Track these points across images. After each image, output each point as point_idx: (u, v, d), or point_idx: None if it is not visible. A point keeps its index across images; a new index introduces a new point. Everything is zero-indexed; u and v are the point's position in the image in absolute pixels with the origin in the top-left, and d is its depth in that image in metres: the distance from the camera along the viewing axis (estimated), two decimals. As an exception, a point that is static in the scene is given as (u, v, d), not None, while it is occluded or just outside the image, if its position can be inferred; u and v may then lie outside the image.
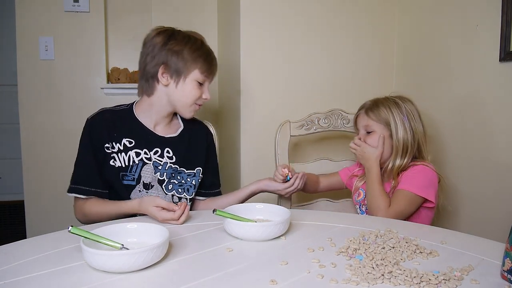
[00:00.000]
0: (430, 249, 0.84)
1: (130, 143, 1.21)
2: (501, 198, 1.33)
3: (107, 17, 2.07)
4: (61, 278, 0.71)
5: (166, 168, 1.24)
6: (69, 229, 0.77)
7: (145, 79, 1.22)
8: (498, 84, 1.33)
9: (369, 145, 1.30)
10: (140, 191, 1.20)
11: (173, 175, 1.24)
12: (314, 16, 1.71)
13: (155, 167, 1.22)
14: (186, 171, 1.27)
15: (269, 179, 1.28)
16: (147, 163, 1.21)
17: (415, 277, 0.70)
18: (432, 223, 1.29)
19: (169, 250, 0.82)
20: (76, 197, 1.17)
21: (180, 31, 1.24)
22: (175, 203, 1.02)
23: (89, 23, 2.00)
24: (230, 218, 0.92)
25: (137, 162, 1.20)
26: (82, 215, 1.17)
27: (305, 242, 0.90)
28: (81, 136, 1.21)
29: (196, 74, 1.20)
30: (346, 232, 0.96)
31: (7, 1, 2.93)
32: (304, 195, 1.53)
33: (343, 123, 1.54)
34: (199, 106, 1.26)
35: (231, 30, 1.79)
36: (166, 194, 1.23)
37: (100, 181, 1.17)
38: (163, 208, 1.00)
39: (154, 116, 1.25)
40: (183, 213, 1.00)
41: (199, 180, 1.29)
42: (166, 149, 1.25)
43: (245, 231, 0.89)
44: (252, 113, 1.68)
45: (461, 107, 1.48)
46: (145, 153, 1.21)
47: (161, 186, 1.23)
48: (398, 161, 1.27)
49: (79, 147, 1.21)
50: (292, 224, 0.99)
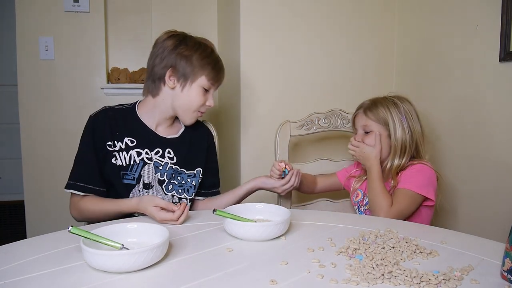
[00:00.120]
0: (430, 249, 0.84)
1: (132, 142, 1.21)
2: (501, 198, 1.33)
3: (107, 17, 2.07)
4: (61, 278, 0.71)
5: (167, 169, 1.24)
6: (69, 229, 0.77)
7: (152, 79, 1.23)
8: (498, 84, 1.33)
9: (367, 145, 1.30)
10: (139, 190, 1.20)
11: (173, 175, 1.25)
12: (314, 16, 1.71)
13: (156, 167, 1.22)
14: (186, 171, 1.27)
15: (265, 176, 1.28)
16: (148, 163, 1.22)
17: (415, 277, 0.70)
18: (431, 222, 1.30)
19: (169, 250, 0.82)
20: (72, 193, 1.17)
21: (192, 36, 1.24)
22: (175, 203, 1.02)
23: (89, 23, 2.00)
24: (230, 218, 0.92)
25: (138, 162, 1.20)
26: (77, 211, 1.17)
27: (305, 242, 0.90)
28: (82, 133, 1.21)
29: (202, 81, 1.21)
30: (346, 232, 0.96)
31: (7, 1, 2.93)
32: (304, 195, 1.53)
33: (343, 123, 1.55)
34: (202, 113, 1.27)
35: (231, 30, 1.79)
36: (166, 194, 1.23)
37: (99, 179, 1.17)
38: (162, 208, 1.00)
39: (157, 116, 1.25)
40: (182, 213, 1.00)
41: (199, 180, 1.29)
42: (168, 150, 1.25)
43: (245, 231, 0.89)
44: (252, 113, 1.68)
45: (461, 107, 1.48)
46: (146, 153, 1.22)
47: (161, 186, 1.23)
48: (397, 161, 1.28)
49: (80, 144, 1.21)
50: (292, 224, 0.99)
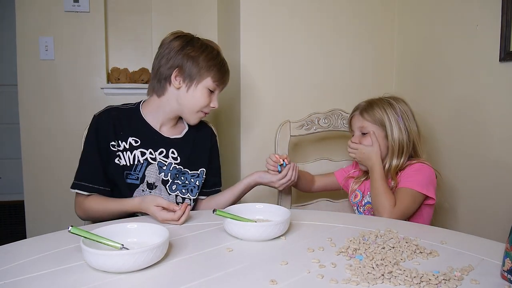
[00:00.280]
0: (430, 249, 0.84)
1: (136, 142, 1.21)
2: (501, 198, 1.33)
3: (107, 17, 2.07)
4: (61, 278, 0.71)
5: (171, 169, 1.24)
6: (69, 229, 0.77)
7: (157, 79, 1.23)
8: (498, 84, 1.33)
9: (366, 145, 1.30)
10: (143, 190, 1.20)
11: (177, 175, 1.25)
12: (314, 17, 1.71)
13: (160, 167, 1.23)
14: (190, 171, 1.27)
15: (263, 171, 1.28)
16: (151, 163, 1.22)
17: (415, 277, 0.70)
18: (431, 221, 1.30)
19: (169, 250, 0.82)
20: (77, 193, 1.18)
21: (199, 38, 1.25)
22: (178, 203, 1.02)
23: (89, 23, 2.00)
24: (230, 218, 0.92)
25: (142, 162, 1.21)
26: (82, 211, 1.18)
27: (305, 242, 0.90)
28: (87, 133, 1.22)
29: (208, 82, 1.22)
30: (346, 232, 0.96)
31: (7, 1, 2.93)
32: (304, 195, 1.53)
33: (343, 123, 1.54)
34: (205, 114, 1.27)
35: (231, 30, 1.79)
36: (170, 194, 1.23)
37: (103, 178, 1.17)
38: (164, 208, 1.00)
39: (161, 116, 1.26)
40: (183, 213, 1.00)
41: (203, 181, 1.29)
42: (171, 150, 1.25)
43: (245, 231, 0.89)
44: (252, 113, 1.68)
45: (461, 107, 1.48)
46: (150, 153, 1.22)
47: (165, 186, 1.23)
48: (395, 161, 1.28)
49: (84, 144, 1.22)
50: (292, 224, 0.99)
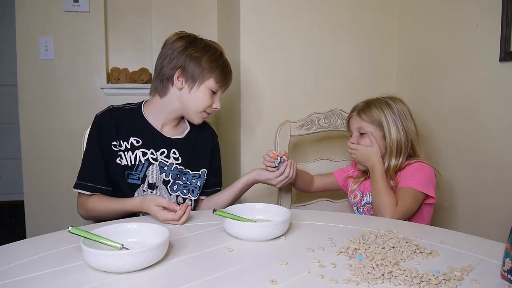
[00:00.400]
0: (430, 249, 0.84)
1: (138, 142, 1.21)
2: (501, 198, 1.33)
3: (107, 17, 2.07)
4: (61, 278, 0.71)
5: (172, 169, 1.24)
6: (69, 229, 0.77)
7: (160, 79, 1.23)
8: (498, 84, 1.33)
9: (365, 146, 1.30)
10: (144, 190, 1.20)
11: (178, 176, 1.25)
12: (314, 16, 1.71)
13: (161, 167, 1.23)
14: (191, 172, 1.27)
15: (261, 168, 1.28)
16: (153, 163, 1.22)
17: (415, 277, 0.70)
18: (431, 220, 1.30)
19: (169, 250, 0.82)
20: (80, 193, 1.18)
21: (202, 39, 1.25)
22: (179, 204, 1.02)
23: (89, 23, 2.01)
24: (230, 218, 0.92)
25: (143, 162, 1.21)
26: (84, 210, 1.18)
27: (305, 242, 0.90)
28: (89, 132, 1.22)
29: (210, 83, 1.22)
30: (346, 232, 0.96)
31: (7, 1, 2.93)
32: (304, 195, 1.53)
33: (343, 123, 1.54)
34: (208, 114, 1.27)
35: (231, 31, 1.79)
36: (171, 194, 1.23)
37: (106, 178, 1.17)
38: (164, 208, 1.00)
39: (162, 117, 1.26)
40: (183, 213, 1.00)
41: (204, 181, 1.29)
42: (173, 150, 1.25)
43: (245, 231, 0.89)
44: (252, 113, 1.68)
45: (461, 107, 1.48)
46: (151, 153, 1.22)
47: (166, 186, 1.23)
48: (394, 161, 1.28)
49: (86, 143, 1.22)
50: (292, 224, 0.99)
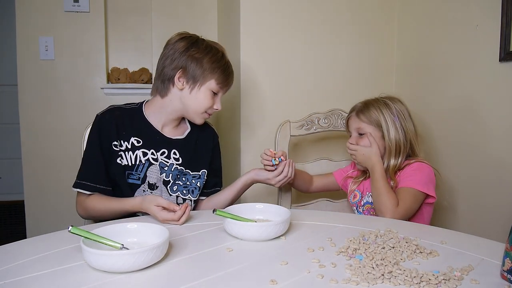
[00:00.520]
0: (430, 249, 0.84)
1: (138, 142, 1.21)
2: (501, 198, 1.33)
3: (107, 17, 2.07)
4: (61, 278, 0.71)
5: (172, 169, 1.24)
6: (69, 229, 0.77)
7: (161, 80, 1.23)
8: (498, 84, 1.33)
9: (365, 147, 1.30)
10: (144, 190, 1.20)
11: (178, 176, 1.25)
12: (314, 16, 1.71)
13: (161, 167, 1.22)
14: (191, 172, 1.27)
15: (260, 168, 1.28)
16: (153, 164, 1.22)
17: (415, 277, 0.70)
18: (431, 219, 1.30)
19: (169, 250, 0.82)
20: (79, 192, 1.18)
21: (204, 39, 1.24)
22: (179, 204, 1.02)
23: (89, 23, 2.01)
24: (230, 218, 0.92)
25: (143, 162, 1.21)
26: (83, 210, 1.18)
27: (305, 242, 0.90)
28: (89, 132, 1.22)
29: (211, 84, 1.21)
30: (346, 232, 0.96)
31: (7, 1, 2.93)
32: (304, 195, 1.53)
33: (343, 123, 1.54)
34: (209, 115, 1.27)
35: (231, 30, 1.79)
36: (171, 195, 1.23)
37: (105, 178, 1.17)
38: (164, 208, 1.00)
39: (163, 117, 1.25)
40: (183, 213, 1.00)
41: (204, 182, 1.29)
42: (173, 151, 1.25)
43: (245, 231, 0.89)
44: (253, 113, 1.68)
45: (461, 107, 1.48)
46: (152, 153, 1.22)
47: (166, 187, 1.23)
48: (393, 161, 1.28)
49: (87, 143, 1.22)
50: (292, 224, 0.99)
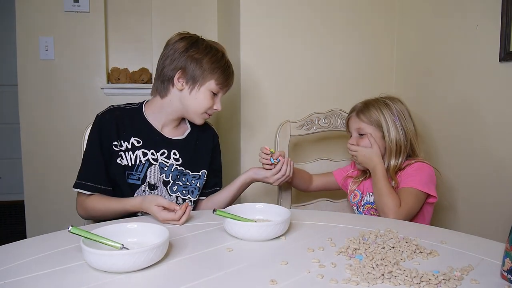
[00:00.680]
0: (430, 249, 0.84)
1: (138, 142, 1.21)
2: (501, 198, 1.33)
3: (107, 17, 2.07)
4: (61, 278, 0.71)
5: (172, 170, 1.24)
6: (69, 229, 0.77)
7: (161, 80, 1.23)
8: (498, 84, 1.33)
9: (365, 147, 1.30)
10: (144, 191, 1.20)
11: (178, 176, 1.24)
12: (314, 17, 1.71)
13: (161, 168, 1.22)
14: (191, 173, 1.27)
15: (258, 167, 1.28)
16: (153, 164, 1.22)
17: (415, 277, 0.70)
18: (432, 219, 1.30)
19: (169, 250, 0.82)
20: (79, 192, 1.18)
21: (204, 39, 1.24)
22: (179, 204, 1.02)
23: (89, 23, 2.01)
24: (230, 218, 0.92)
25: (143, 162, 1.20)
26: (83, 210, 1.18)
27: (305, 242, 0.90)
28: (89, 132, 1.22)
29: (211, 85, 1.21)
30: (346, 232, 0.96)
31: (7, 1, 2.93)
32: (304, 195, 1.53)
33: (343, 123, 1.54)
34: (209, 115, 1.27)
35: (231, 30, 1.79)
36: (171, 195, 1.23)
37: (105, 178, 1.17)
38: (165, 208, 1.00)
39: (163, 117, 1.25)
40: (184, 213, 1.00)
41: (203, 182, 1.29)
42: (173, 151, 1.25)
43: (245, 231, 0.89)
44: (253, 113, 1.68)
45: (461, 107, 1.48)
46: (152, 153, 1.22)
47: (166, 187, 1.23)
48: (393, 161, 1.28)
49: (87, 143, 1.21)
50: (292, 224, 0.99)
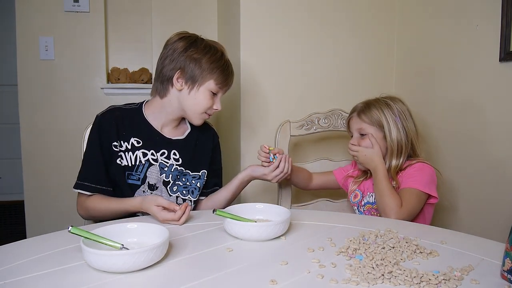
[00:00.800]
0: (430, 249, 0.84)
1: (138, 143, 1.21)
2: (502, 198, 1.33)
3: (107, 17, 2.07)
4: (61, 278, 0.71)
5: (172, 170, 1.24)
6: (69, 229, 0.77)
7: (160, 80, 1.22)
8: (498, 84, 1.33)
9: (366, 147, 1.30)
10: (144, 191, 1.20)
11: (178, 177, 1.24)
12: (314, 16, 1.71)
13: (161, 168, 1.22)
14: (191, 173, 1.27)
15: (257, 165, 1.28)
16: (153, 164, 1.22)
17: (415, 277, 0.70)
18: (432, 219, 1.30)
19: (169, 250, 0.82)
20: (79, 193, 1.18)
21: (203, 39, 1.23)
22: (179, 204, 1.02)
23: (89, 23, 2.01)
24: (230, 218, 0.92)
25: (143, 163, 1.20)
26: (84, 210, 1.18)
27: (305, 242, 0.90)
28: (89, 133, 1.22)
29: (210, 84, 1.20)
30: (346, 232, 0.96)
31: (7, 1, 2.93)
32: (304, 195, 1.53)
33: (343, 123, 1.54)
34: (209, 115, 1.26)
35: (231, 30, 1.79)
36: (171, 195, 1.23)
37: (106, 178, 1.17)
38: (164, 208, 1.00)
39: (163, 117, 1.25)
40: (183, 213, 1.00)
41: (203, 182, 1.29)
42: (173, 151, 1.25)
43: (245, 231, 0.89)
44: (253, 113, 1.68)
45: (461, 107, 1.48)
46: (152, 154, 1.22)
47: (166, 187, 1.23)
48: (394, 162, 1.28)
49: (87, 143, 1.21)
50: (292, 224, 0.99)
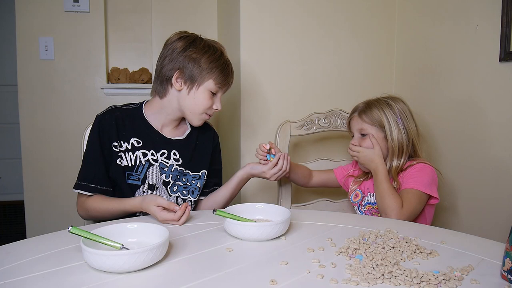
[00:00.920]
0: (430, 249, 0.84)
1: (138, 143, 1.21)
2: (502, 198, 1.33)
3: (107, 17, 2.07)
4: (61, 278, 0.71)
5: (172, 170, 1.24)
6: (69, 229, 0.77)
7: (159, 80, 1.22)
8: (498, 84, 1.33)
9: (367, 148, 1.30)
10: (144, 191, 1.20)
11: (178, 177, 1.24)
12: (314, 16, 1.71)
13: (161, 168, 1.22)
14: (191, 173, 1.27)
15: (255, 163, 1.28)
16: (153, 164, 1.22)
17: (415, 277, 0.70)
18: (432, 219, 1.30)
19: (169, 250, 0.82)
20: (79, 193, 1.18)
21: (202, 39, 1.23)
22: (179, 205, 1.02)
23: (89, 23, 2.01)
24: (230, 218, 0.92)
25: (143, 163, 1.20)
26: (84, 210, 1.18)
27: (305, 242, 0.90)
28: (89, 133, 1.22)
29: (210, 84, 1.20)
30: (346, 232, 0.96)
31: (7, 1, 2.93)
32: (304, 194, 1.53)
33: (343, 123, 1.54)
34: (209, 116, 1.26)
35: (231, 30, 1.79)
36: (171, 195, 1.23)
37: (106, 179, 1.17)
38: (164, 208, 1.00)
39: (163, 118, 1.25)
40: (183, 213, 1.00)
41: (203, 182, 1.29)
42: (173, 151, 1.25)
43: (245, 231, 0.89)
44: (253, 113, 1.68)
45: (461, 107, 1.48)
46: (152, 154, 1.22)
47: (166, 187, 1.23)
48: (395, 162, 1.28)
49: (87, 144, 1.21)
50: (292, 224, 0.99)
